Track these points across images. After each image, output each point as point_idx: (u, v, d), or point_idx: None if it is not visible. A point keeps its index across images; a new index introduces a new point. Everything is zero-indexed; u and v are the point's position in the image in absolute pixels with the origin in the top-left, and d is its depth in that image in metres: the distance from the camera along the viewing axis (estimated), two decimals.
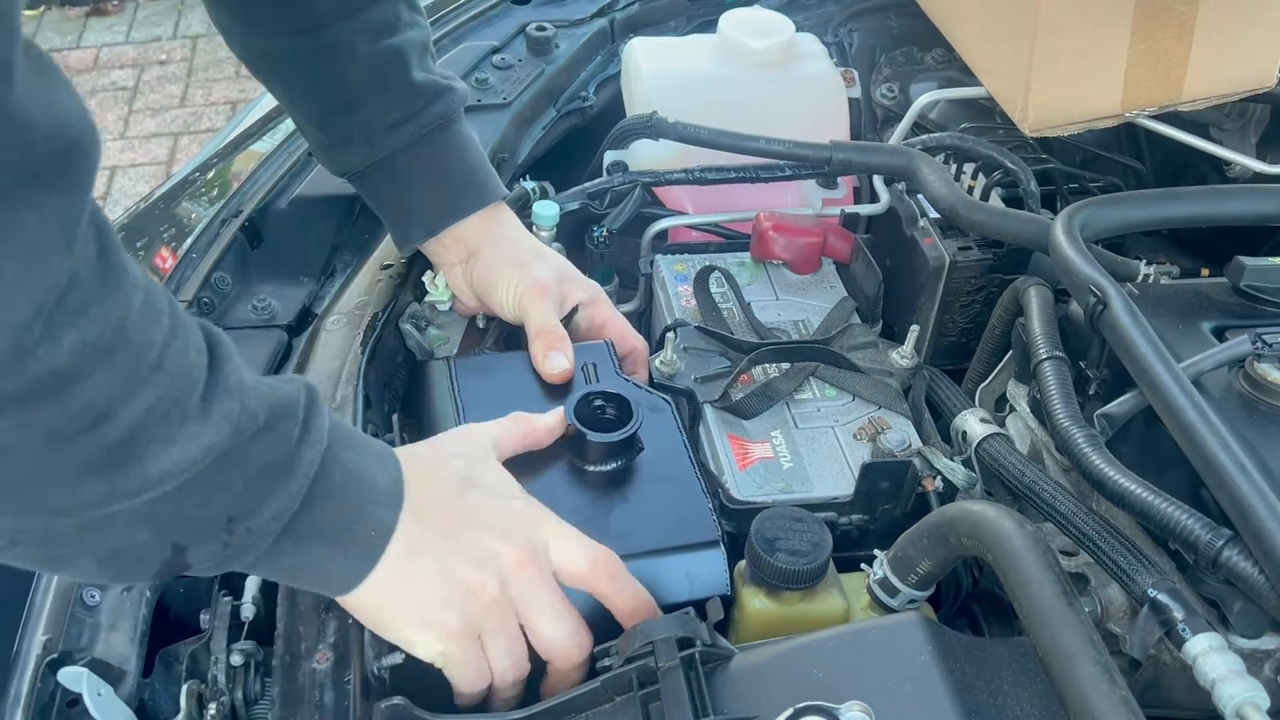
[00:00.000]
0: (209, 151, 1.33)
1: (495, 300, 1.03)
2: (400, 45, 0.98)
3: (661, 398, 0.95)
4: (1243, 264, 0.91)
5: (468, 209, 1.03)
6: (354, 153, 1.01)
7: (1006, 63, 1.20)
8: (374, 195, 1.05)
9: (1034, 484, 0.86)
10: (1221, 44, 1.14)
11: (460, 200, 1.03)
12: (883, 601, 0.81)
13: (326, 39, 0.96)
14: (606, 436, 0.85)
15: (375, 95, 0.98)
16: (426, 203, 1.03)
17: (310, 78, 0.99)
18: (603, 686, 0.70)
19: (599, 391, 0.89)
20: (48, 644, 0.75)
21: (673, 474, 0.87)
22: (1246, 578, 0.69)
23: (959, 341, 1.15)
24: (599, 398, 0.89)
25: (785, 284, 1.15)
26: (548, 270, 1.03)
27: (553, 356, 0.96)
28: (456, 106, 1.02)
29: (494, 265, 1.02)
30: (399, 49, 0.98)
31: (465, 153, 1.04)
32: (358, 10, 0.96)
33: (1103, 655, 0.65)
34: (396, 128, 0.99)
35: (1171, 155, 1.31)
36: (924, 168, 1.12)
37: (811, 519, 0.80)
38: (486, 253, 1.03)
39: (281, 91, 1.04)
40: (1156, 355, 0.79)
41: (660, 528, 0.82)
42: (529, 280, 1.01)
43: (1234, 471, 0.70)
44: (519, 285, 1.01)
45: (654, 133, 1.21)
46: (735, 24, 1.31)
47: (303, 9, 0.95)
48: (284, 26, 0.96)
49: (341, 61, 0.97)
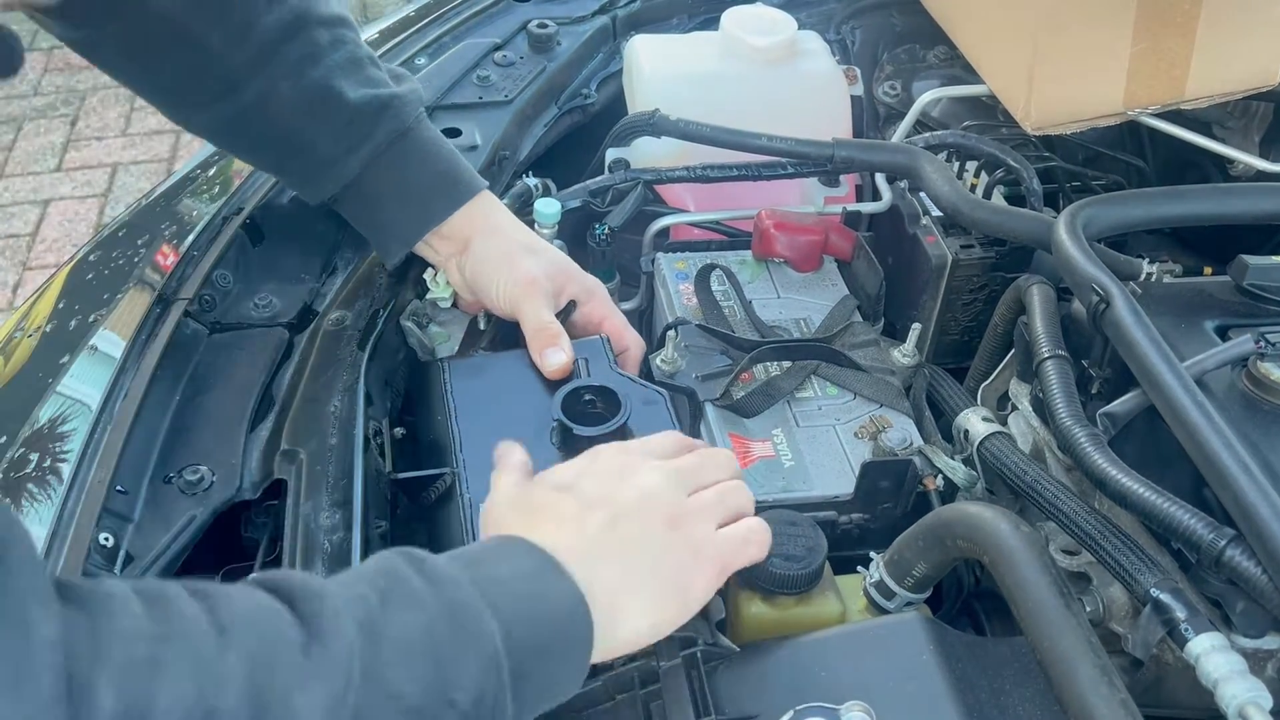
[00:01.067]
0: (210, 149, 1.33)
1: (488, 296, 1.03)
2: (326, 76, 0.97)
3: (656, 390, 0.94)
4: (1246, 263, 0.91)
5: (442, 213, 1.03)
6: (321, 185, 1.02)
7: (1009, 60, 1.20)
8: (353, 217, 1.06)
9: (1036, 483, 0.85)
10: (1224, 42, 1.14)
11: (432, 206, 1.03)
12: (879, 605, 0.81)
13: (250, 95, 0.95)
14: (593, 430, 0.85)
15: (317, 131, 0.98)
16: (399, 217, 1.03)
17: (252, 135, 1.00)
18: (604, 685, 0.70)
19: (587, 386, 0.89)
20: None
21: None
22: (1249, 577, 0.69)
23: (961, 340, 1.15)
24: (587, 392, 0.89)
25: (787, 282, 1.15)
26: (538, 265, 1.02)
27: (550, 353, 0.95)
28: (408, 116, 1.01)
29: (484, 261, 1.02)
30: (324, 80, 0.97)
31: (431, 159, 1.03)
32: (269, 57, 0.95)
33: (1101, 657, 0.65)
34: (350, 154, 0.99)
35: (1174, 153, 1.31)
36: (926, 166, 1.12)
37: (806, 522, 0.79)
38: (476, 247, 1.03)
39: (236, 153, 1.08)
40: (1159, 354, 0.79)
41: None
42: (518, 276, 1.00)
43: (1237, 471, 0.70)
44: (509, 282, 1.00)
45: (656, 130, 1.21)
46: (737, 21, 1.31)
47: (213, 72, 0.95)
48: (203, 95, 0.97)
49: (272, 111, 0.97)
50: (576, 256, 1.10)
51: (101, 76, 1.01)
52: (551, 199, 1.15)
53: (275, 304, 1.07)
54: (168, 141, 3.45)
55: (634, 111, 1.29)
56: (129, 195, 3.20)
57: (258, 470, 0.90)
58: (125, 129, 3.50)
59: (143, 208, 1.26)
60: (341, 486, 0.86)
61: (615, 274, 1.20)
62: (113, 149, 3.41)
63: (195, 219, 1.15)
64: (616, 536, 0.69)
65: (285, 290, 1.09)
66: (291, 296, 1.09)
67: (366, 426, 0.93)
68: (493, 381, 0.96)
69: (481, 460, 0.87)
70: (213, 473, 0.89)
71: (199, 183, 1.25)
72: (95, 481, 0.85)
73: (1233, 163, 1.23)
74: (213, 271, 1.06)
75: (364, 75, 1.00)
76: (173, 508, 0.86)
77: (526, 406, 0.91)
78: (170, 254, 1.11)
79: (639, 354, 1.04)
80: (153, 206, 1.24)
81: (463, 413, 0.91)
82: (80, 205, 3.21)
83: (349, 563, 0.81)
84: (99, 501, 0.83)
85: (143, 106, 3.57)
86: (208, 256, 1.08)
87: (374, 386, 0.98)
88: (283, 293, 1.09)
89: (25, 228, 3.13)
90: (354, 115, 0.98)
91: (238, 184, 1.19)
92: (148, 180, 3.26)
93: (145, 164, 3.36)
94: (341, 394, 0.94)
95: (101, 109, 3.57)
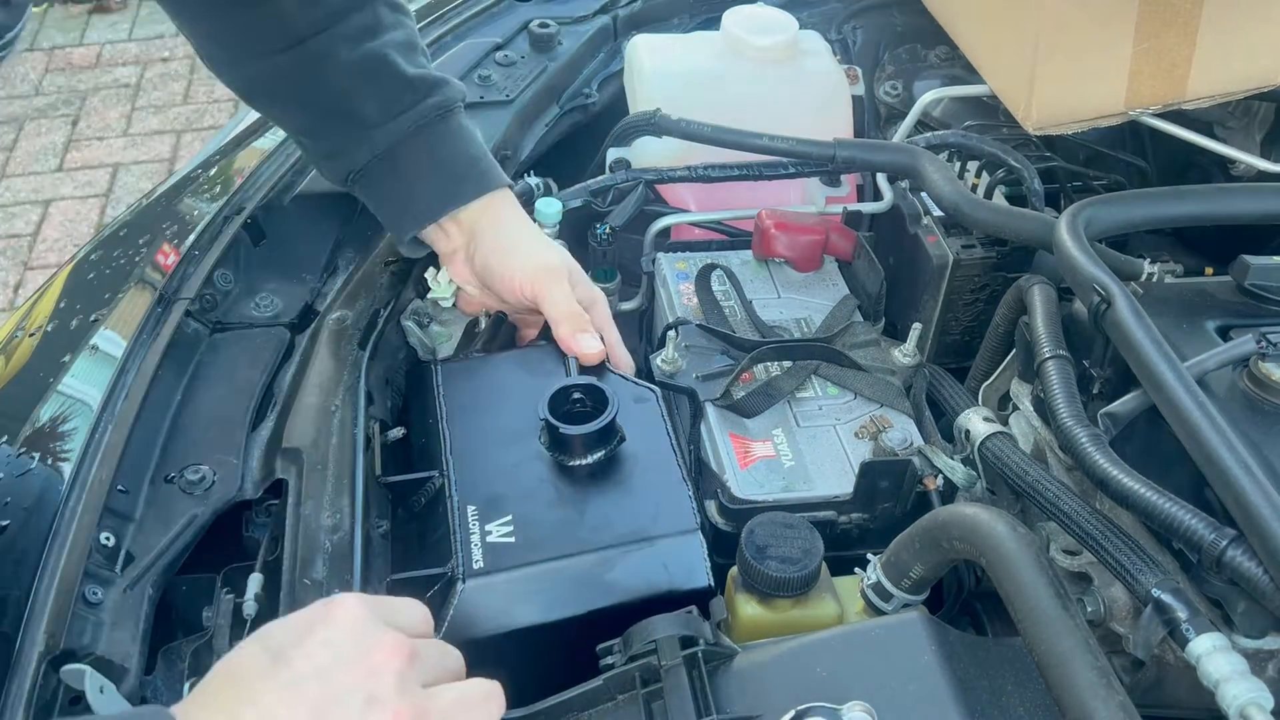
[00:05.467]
0: (212, 148, 1.33)
1: (505, 282, 1.02)
2: (383, 47, 0.99)
3: (648, 387, 0.94)
4: (1247, 263, 0.91)
5: (468, 195, 1.02)
6: (354, 153, 1.02)
7: (1010, 60, 1.20)
8: (374, 193, 1.05)
9: (1037, 483, 0.85)
10: (1226, 41, 1.14)
11: (460, 187, 1.03)
12: (876, 606, 0.81)
13: (309, 51, 0.97)
14: (579, 429, 0.85)
15: (366, 94, 0.99)
16: (427, 191, 1.03)
17: (299, 90, 1.01)
18: (605, 684, 0.70)
19: (574, 385, 0.89)
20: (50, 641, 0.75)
21: (655, 463, 0.87)
22: (1250, 578, 0.69)
23: (962, 340, 1.15)
24: (575, 391, 0.89)
25: (787, 282, 1.15)
26: (557, 255, 1.03)
27: (583, 339, 0.95)
28: (455, 99, 1.03)
29: (498, 249, 1.02)
30: (382, 51, 0.99)
31: (467, 143, 1.04)
32: (335, 20, 0.97)
33: (1099, 659, 0.65)
34: (394, 120, 1.00)
35: (1175, 153, 1.31)
36: (928, 166, 1.12)
37: (803, 524, 0.79)
38: (489, 236, 1.03)
39: (278, 112, 1.07)
40: (1160, 354, 0.79)
41: (637, 518, 0.82)
42: (540, 262, 1.00)
43: (1238, 471, 0.70)
44: (531, 267, 1.00)
45: (657, 130, 1.21)
46: (739, 21, 1.31)
47: (281, 27, 0.97)
48: (265, 47, 0.98)
49: (326, 70, 0.98)
50: (577, 256, 1.10)
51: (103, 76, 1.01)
52: (553, 198, 1.15)
53: (276, 303, 1.07)
54: (169, 141, 3.45)
55: (635, 111, 1.29)
56: (130, 195, 3.20)
57: (259, 470, 0.90)
58: (126, 129, 3.50)
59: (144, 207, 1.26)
60: (342, 486, 0.86)
61: (616, 274, 1.20)
62: (114, 149, 3.41)
63: (196, 218, 1.15)
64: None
65: (286, 290, 1.09)
66: (292, 296, 1.09)
67: (367, 426, 0.93)
68: (484, 384, 0.96)
69: (470, 463, 0.87)
70: (214, 472, 0.89)
71: (200, 182, 1.25)
72: (96, 481, 0.85)
73: (1234, 163, 1.23)
74: (214, 271, 1.06)
75: (417, 58, 1.02)
76: (174, 507, 0.86)
77: (517, 408, 0.91)
78: (171, 253, 1.11)
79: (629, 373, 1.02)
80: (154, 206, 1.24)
81: (452, 415, 0.91)
82: (81, 205, 3.21)
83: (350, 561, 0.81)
84: (100, 501, 0.83)
85: (144, 106, 3.58)
86: (209, 256, 1.08)
87: (375, 386, 0.98)
88: (284, 292, 1.09)
89: (27, 227, 3.13)
90: (406, 84, 1.00)
91: (239, 184, 1.19)
92: (149, 180, 3.26)
93: (146, 164, 3.36)
94: (342, 394, 0.94)
95: (103, 109, 3.57)
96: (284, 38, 0.97)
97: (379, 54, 0.99)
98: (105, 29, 3.96)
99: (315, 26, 0.97)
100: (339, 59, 0.98)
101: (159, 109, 3.59)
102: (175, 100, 3.63)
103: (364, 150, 1.01)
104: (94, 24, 3.99)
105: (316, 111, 1.02)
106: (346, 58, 0.98)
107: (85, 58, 3.81)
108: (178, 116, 3.56)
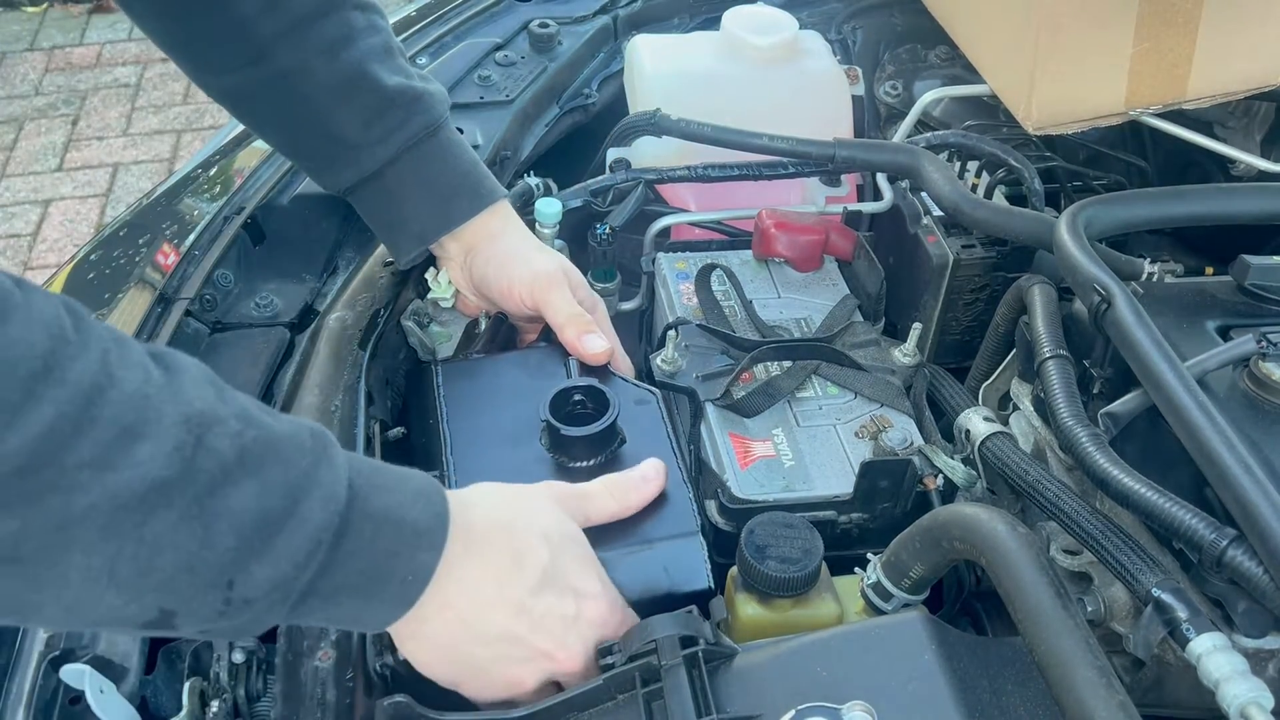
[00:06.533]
0: (212, 148, 1.33)
1: (500, 294, 1.02)
2: (360, 59, 0.95)
3: (648, 389, 0.94)
4: (1248, 263, 0.91)
5: (461, 216, 1.02)
6: (341, 171, 1.00)
7: (1010, 60, 1.20)
8: (367, 210, 1.04)
9: (1037, 483, 0.85)
10: (1226, 41, 1.14)
11: (453, 207, 1.02)
12: (876, 606, 0.81)
13: (279, 65, 0.94)
14: (580, 430, 0.85)
15: (348, 113, 0.96)
16: (419, 214, 1.02)
17: (275, 107, 0.98)
18: (605, 684, 0.70)
19: (575, 386, 0.89)
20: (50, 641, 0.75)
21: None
22: (1251, 577, 0.69)
23: (962, 340, 1.15)
24: (576, 392, 0.89)
25: (787, 282, 1.15)
26: (555, 261, 1.03)
27: (591, 339, 0.95)
28: (440, 112, 1.00)
29: (494, 261, 1.02)
30: (359, 63, 0.95)
31: (456, 159, 1.02)
32: (303, 30, 0.93)
33: (1099, 659, 0.65)
34: (380, 142, 0.97)
35: (1176, 153, 1.31)
36: (928, 165, 1.12)
37: (802, 524, 0.79)
38: (484, 250, 1.03)
39: (255, 125, 1.04)
40: (1161, 354, 0.79)
41: (637, 521, 0.82)
42: (539, 269, 1.00)
43: (1238, 471, 0.70)
44: (530, 275, 1.00)
45: (657, 130, 1.21)
46: (739, 21, 1.31)
47: (245, 39, 0.93)
48: (232, 61, 0.95)
49: (301, 85, 0.95)
50: (577, 256, 1.10)
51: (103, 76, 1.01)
52: (552, 198, 1.15)
53: (276, 303, 1.07)
54: (169, 141, 3.45)
55: (635, 111, 1.29)
56: (130, 195, 3.20)
57: None
58: (126, 129, 3.50)
59: (144, 207, 1.26)
60: None
61: (616, 274, 1.20)
62: (114, 149, 3.41)
63: (196, 218, 1.15)
64: (498, 626, 0.71)
65: (286, 290, 1.09)
66: (292, 296, 1.09)
67: (367, 426, 0.93)
68: (484, 384, 0.96)
69: (471, 464, 0.87)
70: None
71: (200, 182, 1.25)
72: None
73: (1234, 163, 1.23)
74: (214, 271, 1.06)
75: (396, 64, 0.98)
76: None
77: (517, 409, 0.91)
78: (171, 253, 1.11)
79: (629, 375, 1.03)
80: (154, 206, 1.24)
81: (453, 415, 0.91)
82: (81, 205, 3.21)
83: None
84: None
85: (144, 106, 3.58)
86: (209, 256, 1.08)
87: (375, 386, 0.98)
88: (284, 292, 1.09)
89: (26, 227, 3.13)
90: (388, 102, 0.96)
91: (239, 183, 1.19)
92: (149, 180, 3.26)
93: (146, 164, 3.36)
94: (342, 393, 0.94)
95: (103, 109, 3.57)
96: (248, 48, 0.93)
97: (356, 67, 0.95)
98: (105, 29, 3.96)
99: (281, 39, 0.92)
100: (314, 74, 0.94)
101: (159, 109, 3.59)
102: (175, 100, 3.63)
103: (351, 171, 0.99)
104: (94, 24, 3.99)
105: (297, 129, 0.99)
106: (322, 72, 0.94)
107: (85, 57, 3.81)
108: (178, 116, 3.56)
